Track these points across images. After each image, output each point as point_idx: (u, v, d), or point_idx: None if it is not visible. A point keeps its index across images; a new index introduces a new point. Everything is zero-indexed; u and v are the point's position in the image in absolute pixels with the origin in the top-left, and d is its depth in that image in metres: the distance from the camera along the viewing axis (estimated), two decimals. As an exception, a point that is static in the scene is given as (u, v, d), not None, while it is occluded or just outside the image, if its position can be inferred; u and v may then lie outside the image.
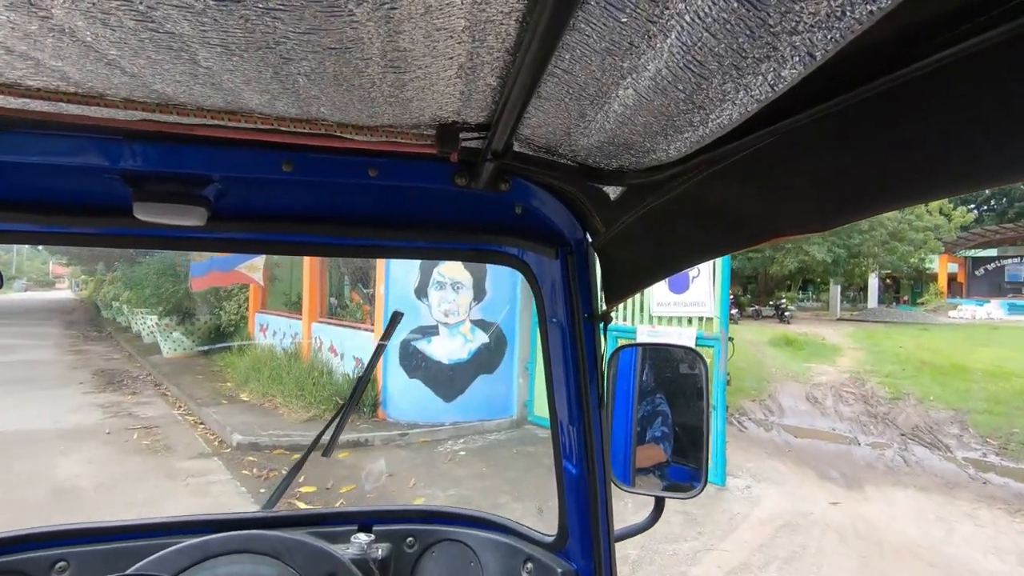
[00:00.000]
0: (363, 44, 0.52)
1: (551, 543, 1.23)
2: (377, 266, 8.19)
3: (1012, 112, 0.42)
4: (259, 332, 12.80)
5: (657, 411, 1.25)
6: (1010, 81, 0.42)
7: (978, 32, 0.40)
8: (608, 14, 0.46)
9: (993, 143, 0.44)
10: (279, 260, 12.77)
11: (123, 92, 0.65)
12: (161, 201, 0.80)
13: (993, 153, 0.45)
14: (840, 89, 0.51)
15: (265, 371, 9.67)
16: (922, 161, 0.49)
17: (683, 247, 0.88)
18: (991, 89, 0.44)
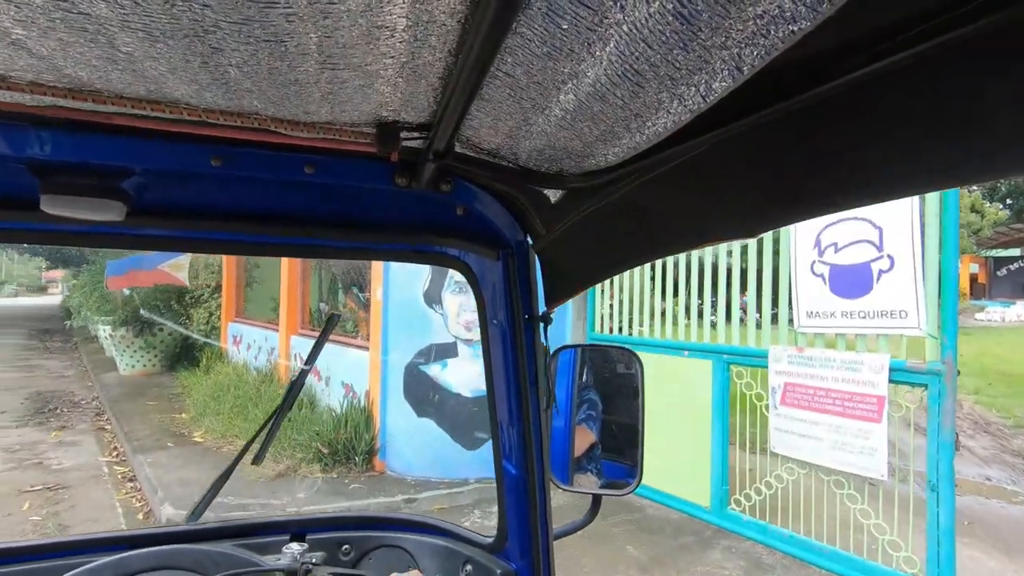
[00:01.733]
0: (299, 37, 0.49)
1: (490, 544, 1.19)
2: (373, 266, 5.92)
3: (923, 126, 0.45)
4: (231, 345, 10.49)
5: (595, 410, 1.25)
6: (920, 99, 0.45)
7: (892, 52, 0.43)
8: (550, 20, 0.46)
9: (904, 155, 0.48)
10: (260, 260, 10.53)
11: (29, 75, 0.59)
12: (72, 194, 0.74)
13: (903, 164, 0.48)
14: (766, 102, 0.52)
15: (227, 400, 7.38)
16: (839, 171, 0.53)
17: (621, 250, 0.90)
18: (903, 106, 0.47)
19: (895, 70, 0.44)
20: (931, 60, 0.42)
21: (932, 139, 0.46)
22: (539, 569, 1.10)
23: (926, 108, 0.46)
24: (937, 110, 0.45)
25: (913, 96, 0.46)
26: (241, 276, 10.94)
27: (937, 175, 0.48)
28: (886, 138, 0.49)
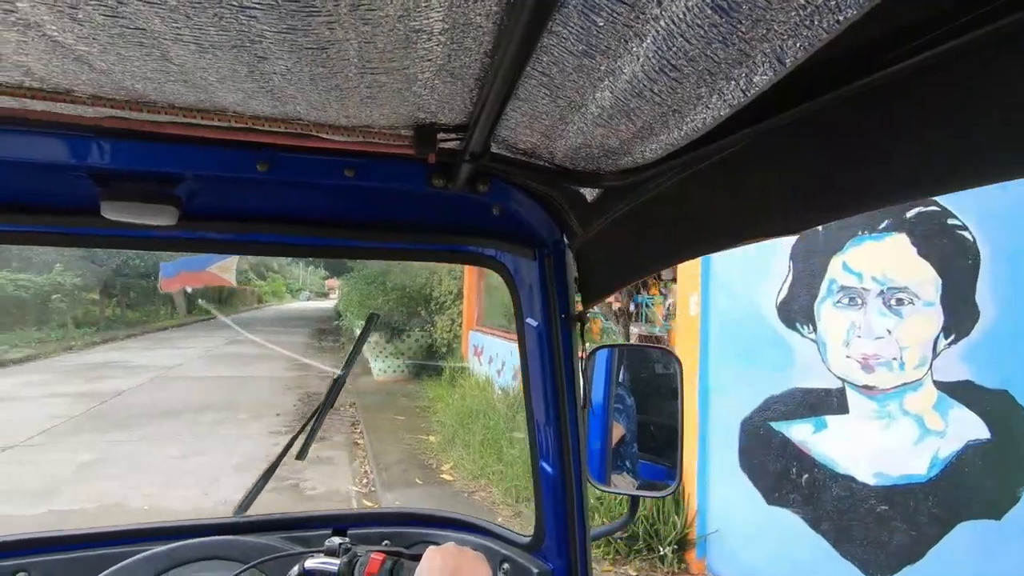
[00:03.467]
0: (340, 44, 0.49)
1: (527, 543, 1.18)
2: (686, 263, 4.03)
3: (977, 117, 0.42)
4: (472, 355, 9.64)
5: (632, 410, 1.22)
6: (974, 87, 0.42)
7: (943, 41, 0.40)
8: (585, 17, 0.44)
9: (958, 147, 0.44)
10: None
11: (91, 88, 0.62)
12: (130, 200, 0.77)
13: (958, 157, 0.44)
14: (809, 94, 0.50)
15: (477, 429, 6.17)
16: (889, 164, 0.49)
17: (658, 248, 0.87)
18: (955, 95, 0.43)
19: (942, 61, 0.41)
20: (980, 49, 0.39)
21: (980, 132, 0.42)
22: (576, 569, 1.08)
23: (975, 100, 0.42)
24: (987, 102, 0.41)
25: (961, 88, 0.42)
26: (482, 281, 10.08)
27: (986, 170, 0.43)
28: (931, 131, 0.45)
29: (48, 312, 16.92)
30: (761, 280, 3.44)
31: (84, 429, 7.18)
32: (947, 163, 0.44)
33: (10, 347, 13.77)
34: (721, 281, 3.58)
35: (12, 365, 12.34)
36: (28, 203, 0.79)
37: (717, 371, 3.60)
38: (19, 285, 16.31)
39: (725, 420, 3.53)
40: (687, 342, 3.81)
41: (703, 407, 3.65)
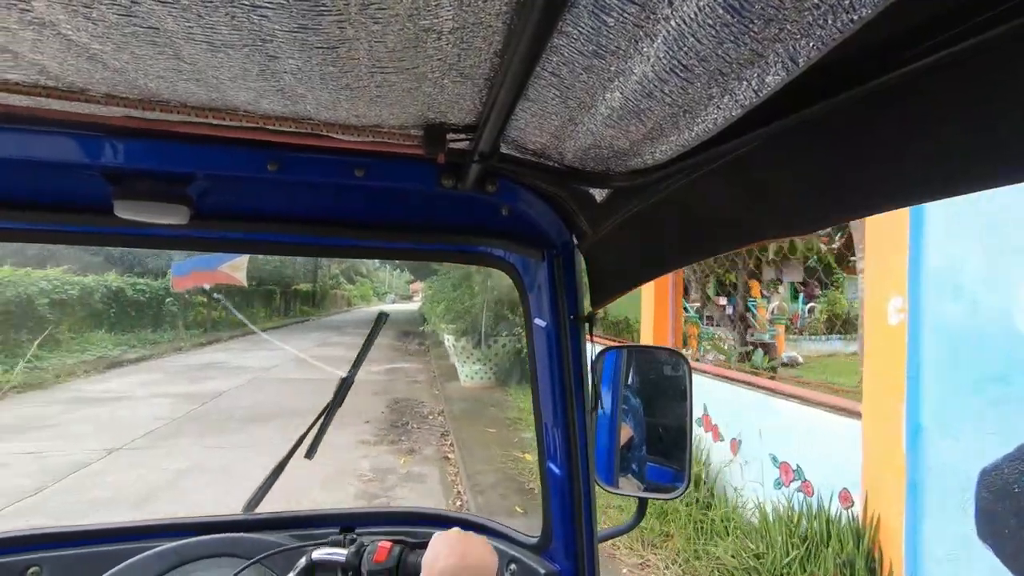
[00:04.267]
0: (351, 43, 0.49)
1: (535, 544, 1.17)
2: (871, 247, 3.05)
3: (992, 117, 0.41)
4: (568, 363, 8.93)
5: (641, 412, 1.22)
6: (990, 87, 0.41)
7: (958, 40, 0.39)
8: (595, 17, 0.44)
9: (972, 148, 0.43)
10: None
11: (105, 88, 0.62)
12: (142, 199, 0.77)
13: (971, 157, 0.43)
14: (822, 95, 0.49)
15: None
16: (901, 165, 0.48)
17: (668, 249, 0.87)
18: (970, 95, 0.42)
19: (956, 60, 0.40)
20: (995, 48, 0.38)
21: (996, 133, 0.40)
22: (583, 570, 1.08)
23: (990, 100, 0.40)
24: (1003, 102, 0.40)
25: (976, 87, 0.41)
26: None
27: (1002, 171, 0.41)
28: (946, 132, 0.43)
29: (162, 315, 18.07)
30: (997, 277, 2.46)
31: (184, 432, 7.18)
32: (962, 164, 0.43)
33: (128, 347, 14.71)
34: (946, 280, 2.61)
35: (129, 365, 13.10)
36: (42, 201, 0.79)
37: (937, 402, 2.65)
38: (137, 289, 17.51)
39: (952, 470, 2.57)
40: (882, 360, 2.88)
41: (913, 450, 2.71)
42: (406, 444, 7.06)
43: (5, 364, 10.53)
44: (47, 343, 12.06)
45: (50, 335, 12.39)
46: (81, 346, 13.51)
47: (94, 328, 14.90)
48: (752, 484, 4.01)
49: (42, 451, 6.30)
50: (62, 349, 12.51)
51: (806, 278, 16.07)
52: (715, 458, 4.50)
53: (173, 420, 7.79)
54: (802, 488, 3.54)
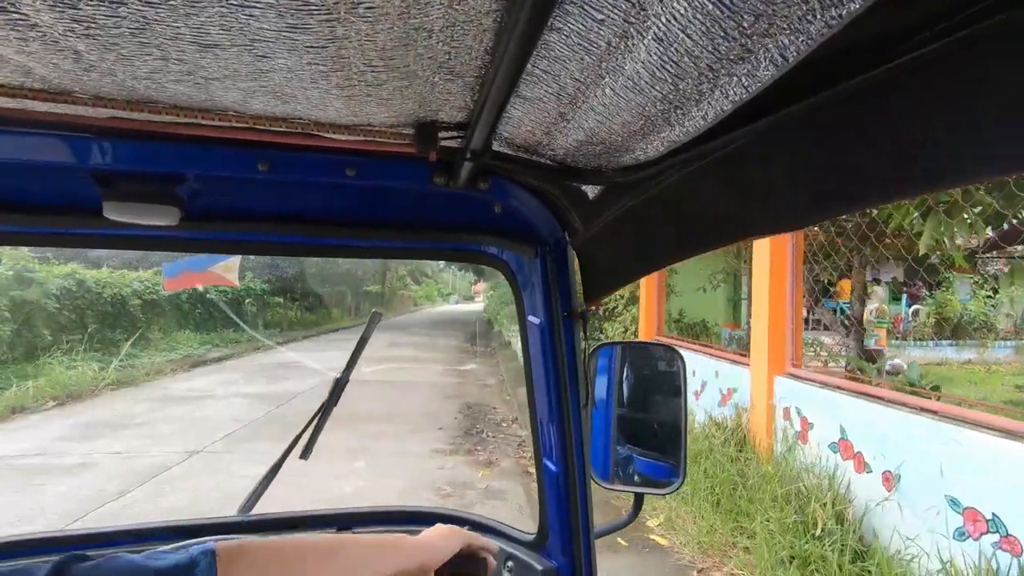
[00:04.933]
0: (340, 42, 0.48)
1: (531, 541, 1.18)
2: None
3: (979, 113, 0.41)
4: (653, 371, 8.22)
5: (636, 407, 1.24)
6: (976, 82, 0.41)
7: (944, 36, 0.40)
8: (585, 14, 0.44)
9: (961, 144, 0.43)
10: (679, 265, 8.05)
11: (92, 89, 0.60)
12: (132, 200, 0.76)
13: (960, 153, 0.43)
14: (811, 91, 0.50)
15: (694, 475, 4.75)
16: (890, 161, 0.49)
17: (660, 245, 0.87)
18: (957, 90, 0.42)
19: (944, 55, 0.40)
20: (983, 43, 0.38)
21: (984, 127, 0.41)
22: (580, 566, 1.07)
23: (978, 95, 0.41)
24: (990, 97, 0.40)
25: (965, 82, 0.41)
26: (662, 282, 8.61)
27: (989, 164, 0.42)
28: (934, 126, 0.44)
29: (242, 315, 18.72)
30: None
31: (260, 436, 7.08)
32: (951, 158, 0.44)
33: (212, 347, 15.24)
34: None
35: (211, 363, 13.51)
36: (30, 204, 0.79)
37: None
38: (219, 290, 18.22)
39: None
40: None
41: None
42: (482, 455, 6.62)
43: (102, 362, 11.03)
44: (139, 342, 12.60)
45: (142, 334, 12.95)
46: (169, 345, 14.08)
47: (181, 328, 15.54)
48: (920, 528, 3.24)
49: (128, 451, 6.33)
50: (152, 348, 13.05)
51: (907, 279, 14.47)
52: (860, 493, 3.73)
53: (251, 422, 7.74)
54: (1004, 545, 2.76)
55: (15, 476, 5.58)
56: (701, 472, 4.65)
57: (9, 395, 8.44)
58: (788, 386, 4.80)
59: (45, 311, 10.91)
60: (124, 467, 5.86)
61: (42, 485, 5.35)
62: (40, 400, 8.67)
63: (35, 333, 10.69)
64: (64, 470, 5.72)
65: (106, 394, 9.72)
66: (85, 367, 10.30)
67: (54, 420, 7.93)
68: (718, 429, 5.53)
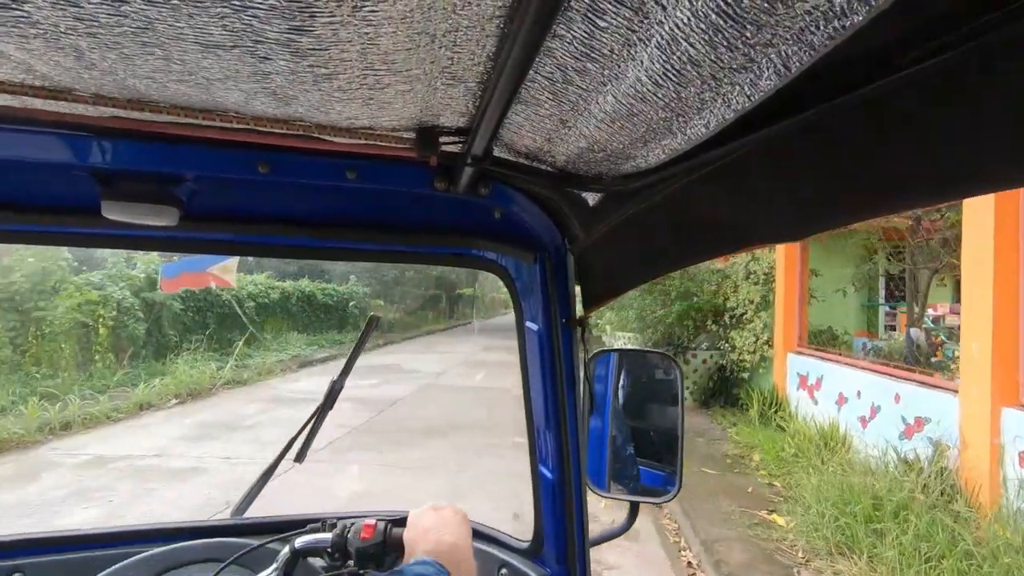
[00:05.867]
0: (343, 45, 0.48)
1: (526, 549, 1.17)
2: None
3: (982, 125, 0.41)
4: (795, 388, 6.99)
5: (633, 416, 1.22)
6: (979, 94, 0.40)
7: (949, 47, 0.39)
8: (589, 21, 0.43)
9: (963, 155, 0.43)
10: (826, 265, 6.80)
11: (93, 87, 0.60)
12: (131, 200, 0.76)
13: (963, 165, 0.43)
14: (814, 101, 0.49)
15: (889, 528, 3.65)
16: (891, 173, 0.49)
17: (661, 254, 0.87)
18: (962, 101, 0.42)
19: (948, 67, 0.39)
20: (988, 55, 0.37)
21: (986, 140, 0.40)
22: (575, 575, 1.06)
23: (982, 107, 0.40)
24: (994, 109, 0.39)
25: (968, 95, 0.40)
26: (803, 285, 7.37)
27: (991, 177, 0.42)
28: (938, 139, 0.43)
29: (345, 317, 19.25)
30: None
31: (363, 445, 6.76)
32: (953, 171, 0.44)
33: (317, 347, 15.65)
34: None
35: (317, 364, 13.78)
36: (28, 202, 0.78)
37: None
38: (326, 294, 18.84)
39: None
40: None
41: None
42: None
43: (220, 361, 11.49)
44: (252, 342, 13.10)
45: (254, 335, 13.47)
46: (279, 345, 14.59)
47: (289, 329, 16.13)
48: None
49: (237, 457, 6.21)
50: (263, 348, 13.53)
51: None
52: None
53: (354, 429, 7.48)
54: None
55: (133, 479, 5.58)
56: (910, 534, 3.54)
57: (140, 392, 8.84)
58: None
59: (172, 312, 11.55)
60: (232, 474, 5.70)
61: (154, 490, 5.27)
62: (164, 397, 9.02)
63: (163, 332, 11.33)
64: (176, 474, 5.65)
65: (222, 393, 10.02)
66: (204, 366, 10.73)
67: (174, 418, 8.16)
68: (908, 470, 4.36)
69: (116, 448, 6.48)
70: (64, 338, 9.08)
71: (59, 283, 9.11)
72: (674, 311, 8.03)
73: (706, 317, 8.33)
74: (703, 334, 8.42)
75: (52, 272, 8.99)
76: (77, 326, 9.21)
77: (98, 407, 7.64)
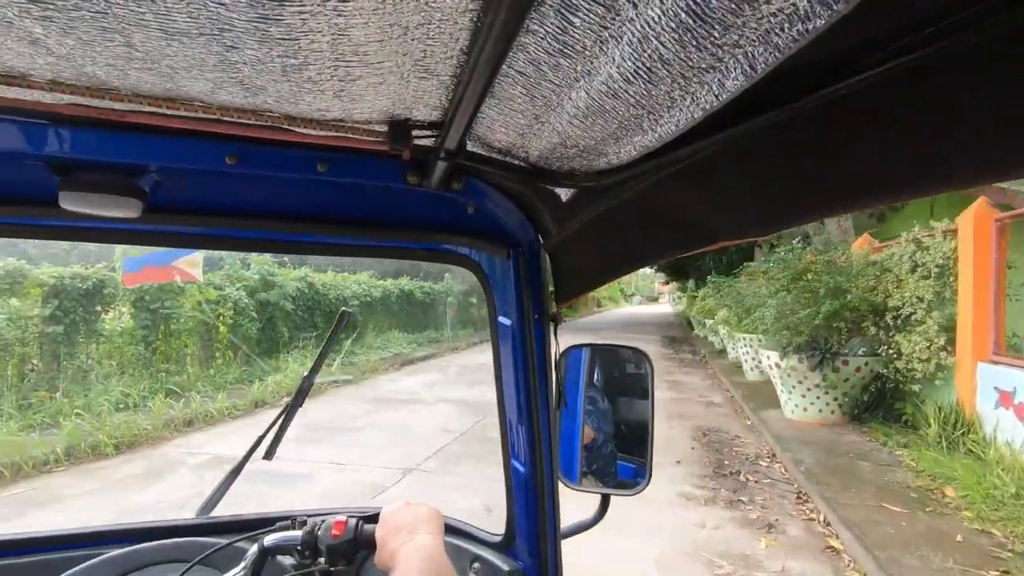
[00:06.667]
0: (313, 35, 0.47)
1: (498, 543, 1.17)
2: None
3: (941, 125, 0.42)
4: (994, 407, 5.62)
5: (604, 409, 1.23)
6: (939, 96, 0.42)
7: (909, 51, 0.40)
8: (562, 17, 0.44)
9: (924, 154, 0.44)
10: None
11: (48, 73, 0.58)
12: (90, 191, 0.73)
13: (923, 163, 0.45)
14: (780, 101, 0.50)
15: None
16: (857, 169, 0.50)
17: (631, 249, 0.88)
18: (921, 103, 0.43)
19: (908, 70, 0.41)
20: (943, 61, 0.39)
21: (942, 140, 0.42)
22: (547, 568, 1.08)
23: (940, 108, 0.42)
24: (951, 110, 0.41)
25: (927, 96, 0.42)
26: (1000, 275, 5.94)
27: (948, 175, 0.44)
28: (897, 138, 0.45)
29: (440, 315, 19.26)
30: None
31: (470, 454, 6.29)
32: (913, 169, 0.45)
33: (417, 346, 15.67)
34: None
35: (417, 363, 13.72)
36: None
37: None
38: (424, 292, 18.94)
39: None
40: None
41: None
42: (751, 510, 4.90)
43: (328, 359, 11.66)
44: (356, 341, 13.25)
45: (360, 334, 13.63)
46: (382, 344, 14.73)
47: (391, 328, 16.29)
48: None
49: (347, 463, 5.96)
50: (368, 347, 13.67)
51: None
52: None
53: (460, 435, 7.06)
54: None
55: (248, 483, 5.45)
56: None
57: (255, 389, 9.03)
58: None
59: (284, 311, 11.88)
60: (342, 482, 5.42)
61: (267, 495, 5.09)
62: (277, 395, 9.16)
63: (276, 331, 11.67)
64: (289, 480, 5.46)
65: (330, 391, 10.07)
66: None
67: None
68: None
69: (233, 448, 6.48)
70: (187, 336, 9.48)
71: (185, 283, 9.51)
72: (822, 311, 6.83)
73: (862, 318, 7.05)
74: (857, 337, 7.14)
75: (177, 273, 9.40)
76: (199, 325, 9.59)
77: (216, 404, 7.80)
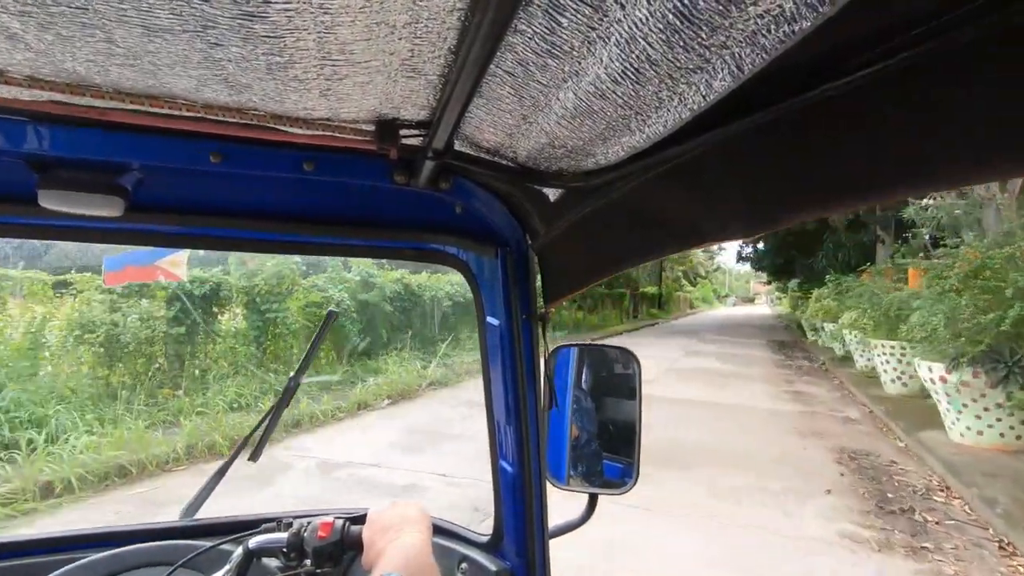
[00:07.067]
0: (299, 33, 0.47)
1: (486, 543, 1.17)
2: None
3: (928, 125, 0.43)
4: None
5: (592, 409, 1.23)
6: (924, 99, 0.42)
7: (895, 52, 0.41)
8: (550, 17, 0.44)
9: (910, 155, 0.44)
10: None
11: (27, 70, 0.57)
12: (71, 189, 0.72)
13: (910, 165, 0.45)
14: (767, 102, 0.50)
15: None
16: (843, 170, 0.50)
17: (619, 249, 0.87)
18: (907, 104, 0.44)
19: (894, 72, 0.41)
20: (929, 62, 0.40)
21: (929, 140, 0.43)
22: (534, 568, 1.08)
23: (926, 109, 0.43)
24: (937, 111, 0.42)
25: (913, 97, 0.43)
26: None
27: (935, 175, 0.45)
28: (883, 139, 0.46)
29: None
30: None
31: (583, 470, 5.74)
32: (900, 169, 0.45)
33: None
34: None
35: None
36: None
37: None
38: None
39: None
40: None
41: None
42: (944, 562, 3.95)
43: (423, 360, 11.60)
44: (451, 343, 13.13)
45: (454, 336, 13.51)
46: (474, 344, 14.54)
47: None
48: None
49: (450, 474, 5.62)
50: (461, 348, 13.52)
51: None
52: None
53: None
54: None
55: (353, 491, 5.26)
56: None
57: (357, 391, 9.04)
58: None
59: (382, 312, 11.96)
60: (448, 496, 5.07)
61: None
62: (378, 397, 9.12)
63: (376, 332, 11.77)
64: (393, 492, 5.20)
65: (427, 394, 9.93)
66: (410, 365, 10.84)
67: (387, 420, 8.07)
68: None
69: (339, 453, 6.38)
70: (294, 338, 9.70)
71: (291, 286, 9.73)
72: (1010, 316, 5.59)
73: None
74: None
75: (285, 276, 9.64)
76: (304, 327, 9.79)
77: (322, 407, 7.81)
